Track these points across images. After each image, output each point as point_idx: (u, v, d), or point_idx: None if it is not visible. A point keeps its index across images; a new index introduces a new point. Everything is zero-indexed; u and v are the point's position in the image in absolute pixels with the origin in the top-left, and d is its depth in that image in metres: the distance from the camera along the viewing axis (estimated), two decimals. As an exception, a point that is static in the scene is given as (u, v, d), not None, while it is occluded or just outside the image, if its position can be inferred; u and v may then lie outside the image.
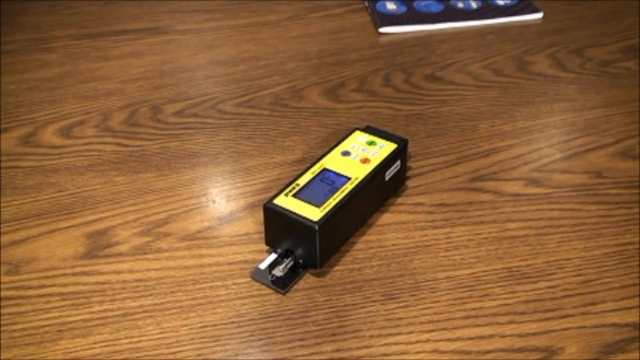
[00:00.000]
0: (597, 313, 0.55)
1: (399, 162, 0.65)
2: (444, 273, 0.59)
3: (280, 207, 0.57)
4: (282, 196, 0.58)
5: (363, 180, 0.60)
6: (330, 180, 0.60)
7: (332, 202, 0.58)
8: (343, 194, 0.58)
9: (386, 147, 0.64)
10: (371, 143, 0.65)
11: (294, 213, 0.57)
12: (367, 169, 0.62)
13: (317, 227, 0.55)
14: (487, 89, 0.85)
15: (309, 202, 0.57)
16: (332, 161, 0.63)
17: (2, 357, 0.53)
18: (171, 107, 0.82)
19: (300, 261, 0.58)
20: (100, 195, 0.68)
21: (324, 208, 0.57)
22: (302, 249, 0.58)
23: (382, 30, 0.97)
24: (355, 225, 0.62)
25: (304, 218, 0.56)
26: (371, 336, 0.54)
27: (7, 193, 0.69)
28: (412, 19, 0.99)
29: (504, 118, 0.79)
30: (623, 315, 0.55)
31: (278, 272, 0.58)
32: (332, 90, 0.85)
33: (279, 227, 0.59)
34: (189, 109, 0.82)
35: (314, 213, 0.56)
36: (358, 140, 0.65)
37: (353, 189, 0.59)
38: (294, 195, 0.58)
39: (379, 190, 0.64)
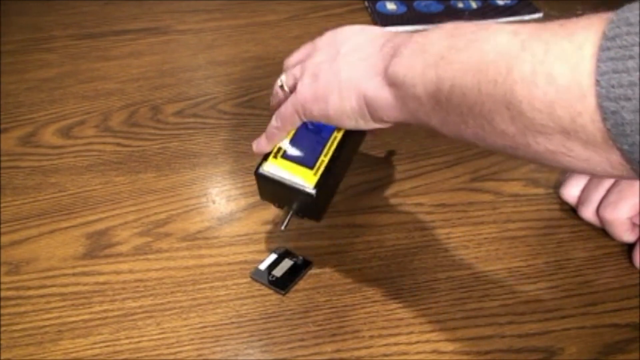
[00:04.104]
0: (597, 313, 0.55)
1: None
2: (444, 273, 0.59)
3: (272, 174, 0.55)
4: (271, 159, 0.56)
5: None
6: (317, 129, 0.56)
7: (324, 159, 0.55)
8: (333, 148, 0.55)
9: None
10: None
11: (288, 180, 0.54)
12: None
13: (314, 194, 0.54)
14: (487, 89, 0.85)
15: (301, 164, 0.55)
16: None
17: (2, 357, 0.53)
18: (171, 107, 0.82)
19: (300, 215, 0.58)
20: (101, 195, 0.68)
21: (317, 169, 0.54)
22: (300, 206, 0.56)
23: (382, 30, 0.97)
24: (346, 166, 0.59)
25: (300, 185, 0.54)
26: (371, 336, 0.54)
27: (7, 193, 0.69)
28: (412, 19, 0.99)
29: (504, 118, 0.79)
30: (623, 316, 0.55)
31: (278, 272, 0.58)
32: (332, 90, 0.85)
33: (273, 190, 0.56)
34: (189, 109, 0.82)
35: (308, 177, 0.54)
36: None
37: (341, 139, 0.56)
38: (284, 157, 0.56)
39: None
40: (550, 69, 0.35)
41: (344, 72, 0.50)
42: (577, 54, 0.35)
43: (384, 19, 0.99)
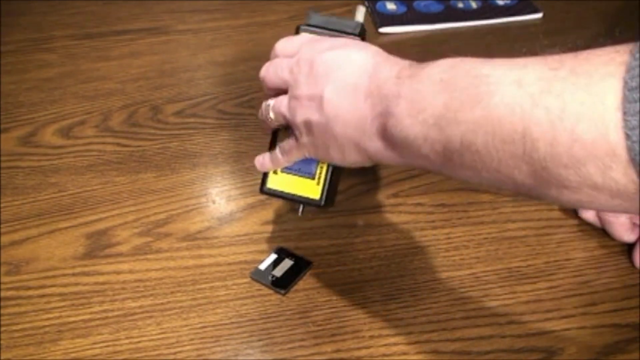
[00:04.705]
0: (597, 313, 0.55)
1: None
2: (444, 273, 0.59)
3: (278, 190, 0.56)
4: (272, 174, 0.57)
5: None
6: None
7: (323, 165, 0.55)
8: None
9: None
10: None
11: (294, 194, 0.56)
12: None
13: (322, 203, 0.55)
14: (487, 89, 0.84)
15: (302, 175, 0.55)
16: None
17: (2, 357, 0.53)
18: (171, 107, 0.82)
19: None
20: (101, 195, 0.68)
21: (319, 177, 0.55)
22: (309, 206, 0.57)
23: (382, 30, 0.97)
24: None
25: (306, 198, 0.55)
26: (371, 336, 0.54)
27: (7, 193, 0.69)
28: (412, 19, 0.99)
29: (504, 118, 0.79)
30: (623, 316, 0.55)
31: (278, 272, 0.58)
32: (332, 90, 0.84)
33: (282, 200, 0.57)
34: (189, 109, 0.82)
35: (312, 188, 0.55)
36: None
37: None
38: (284, 170, 0.56)
39: None
40: (573, 126, 0.34)
41: (337, 126, 0.47)
42: (599, 108, 0.33)
43: (384, 19, 0.99)
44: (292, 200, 0.56)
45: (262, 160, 0.56)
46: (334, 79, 0.48)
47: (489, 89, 0.38)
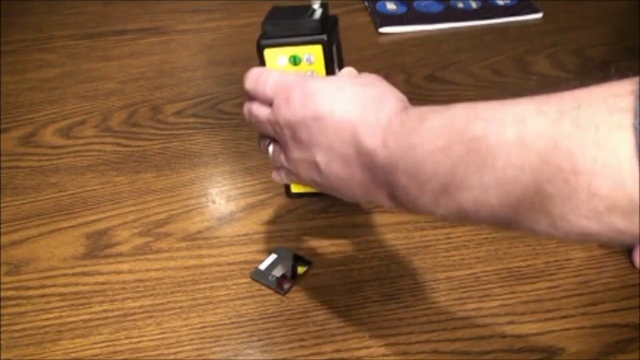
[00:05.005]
0: (597, 313, 0.55)
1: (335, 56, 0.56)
2: (444, 273, 0.59)
3: (302, 192, 0.57)
4: (292, 185, 0.58)
5: None
6: None
7: None
8: None
9: (315, 57, 0.54)
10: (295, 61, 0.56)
11: (317, 193, 0.56)
12: None
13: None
14: (487, 89, 0.85)
15: None
16: None
17: (2, 357, 0.53)
18: (171, 107, 0.82)
19: None
20: (100, 195, 0.68)
21: None
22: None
23: (382, 30, 0.97)
24: None
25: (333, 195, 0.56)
26: (371, 336, 0.54)
27: (7, 193, 0.69)
28: (412, 19, 0.99)
29: (504, 118, 0.79)
30: (623, 316, 0.55)
31: (278, 272, 0.58)
32: (332, 90, 0.84)
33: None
34: (189, 109, 0.82)
35: None
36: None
37: None
38: None
39: None
40: (588, 183, 0.33)
41: (342, 188, 0.47)
42: (613, 162, 0.32)
43: (384, 19, 0.99)
44: (318, 196, 0.57)
45: (280, 177, 0.55)
46: (320, 145, 0.46)
47: (490, 152, 0.37)
